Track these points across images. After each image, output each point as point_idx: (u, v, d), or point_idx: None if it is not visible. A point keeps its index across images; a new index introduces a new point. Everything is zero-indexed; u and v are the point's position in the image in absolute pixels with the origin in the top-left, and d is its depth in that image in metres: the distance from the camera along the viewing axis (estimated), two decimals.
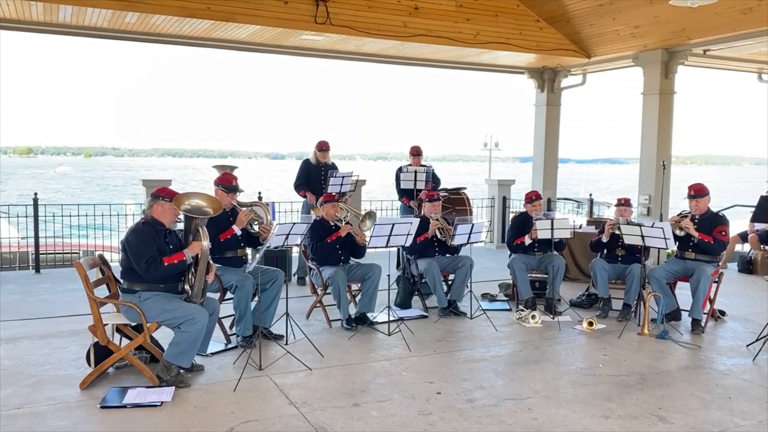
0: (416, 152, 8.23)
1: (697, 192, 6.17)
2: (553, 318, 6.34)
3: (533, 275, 6.90)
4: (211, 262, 4.70)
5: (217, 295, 5.30)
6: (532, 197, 7.00)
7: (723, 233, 6.04)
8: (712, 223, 6.11)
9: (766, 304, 7.12)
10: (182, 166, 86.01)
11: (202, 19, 7.53)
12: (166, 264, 4.40)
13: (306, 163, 7.94)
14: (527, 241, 6.69)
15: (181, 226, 4.75)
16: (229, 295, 5.40)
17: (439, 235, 6.60)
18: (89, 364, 4.55)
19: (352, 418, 3.96)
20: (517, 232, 6.87)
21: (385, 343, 5.53)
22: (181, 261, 4.47)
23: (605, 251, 6.65)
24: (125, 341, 4.70)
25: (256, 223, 5.50)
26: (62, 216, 9.06)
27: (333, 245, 6.05)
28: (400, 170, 8.23)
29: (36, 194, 8.69)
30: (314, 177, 7.82)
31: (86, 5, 7.02)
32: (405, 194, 8.21)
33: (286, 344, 5.33)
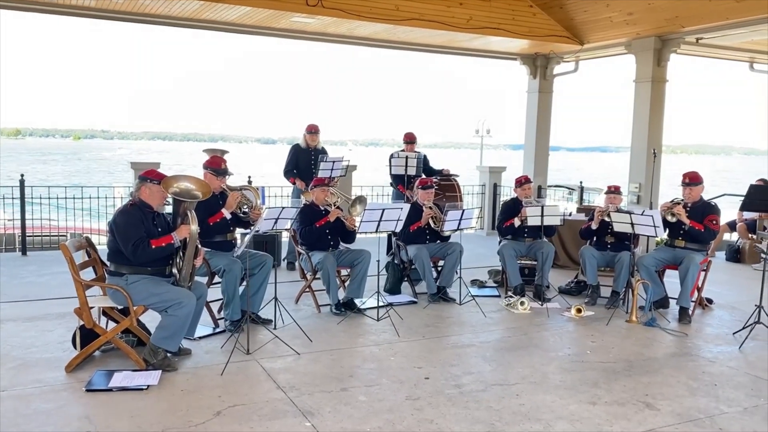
0: (410, 140, 8.23)
1: (692, 180, 6.19)
2: (542, 305, 6.36)
3: (522, 262, 6.90)
4: (199, 246, 4.66)
5: (205, 279, 5.26)
6: (521, 181, 6.99)
7: (714, 222, 6.07)
8: (704, 211, 6.13)
9: (753, 292, 7.14)
10: (176, 150, 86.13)
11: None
12: (153, 247, 4.36)
13: (296, 148, 7.89)
14: (516, 222, 6.68)
15: (169, 209, 4.70)
16: (217, 279, 5.36)
17: (432, 225, 6.59)
18: (75, 347, 4.52)
19: (339, 402, 3.96)
20: (506, 216, 6.87)
21: (374, 329, 5.52)
22: (168, 244, 4.42)
23: (595, 239, 6.65)
24: (112, 324, 4.66)
25: (246, 206, 5.45)
26: (49, 198, 8.97)
27: (322, 230, 6.02)
28: (392, 156, 8.21)
29: (22, 176, 8.59)
30: (304, 161, 7.77)
31: None
32: (397, 180, 8.19)
33: (275, 329, 5.32)
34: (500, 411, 3.90)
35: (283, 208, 5.23)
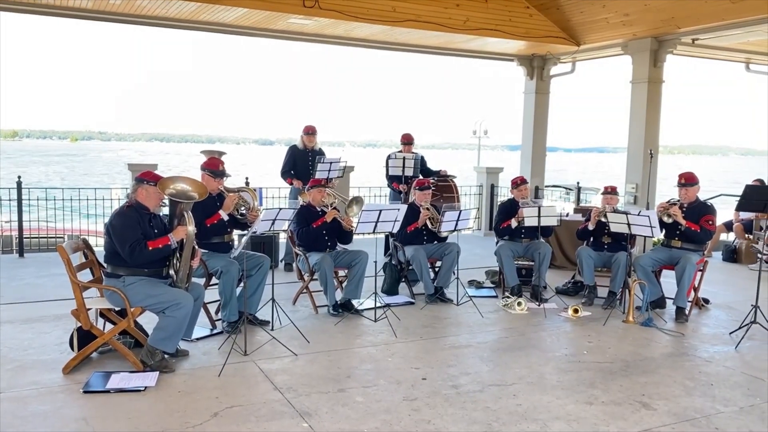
0: (407, 141, 8.25)
1: (688, 180, 6.21)
2: (539, 305, 6.37)
3: (520, 262, 6.91)
4: (196, 247, 4.66)
5: (202, 280, 5.26)
6: (517, 182, 7.00)
7: (710, 222, 6.09)
8: (700, 211, 6.15)
9: (750, 292, 7.16)
10: (175, 151, 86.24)
11: (188, 1, 7.40)
12: (150, 248, 4.36)
13: (293, 149, 7.90)
14: (513, 223, 6.69)
15: (166, 210, 4.70)
16: (214, 280, 5.37)
17: (429, 225, 6.61)
18: (72, 349, 4.51)
19: (337, 403, 3.96)
20: (503, 216, 6.88)
21: (371, 330, 5.52)
22: (165, 245, 4.42)
23: (591, 239, 6.67)
24: (109, 326, 4.66)
25: (243, 208, 5.45)
26: (47, 200, 8.96)
27: (319, 231, 6.03)
28: (389, 157, 8.23)
29: (19, 177, 8.58)
30: (301, 162, 7.78)
31: None
32: (393, 180, 8.21)
33: (272, 330, 5.32)
34: (497, 411, 3.91)
35: (281, 209, 5.23)
